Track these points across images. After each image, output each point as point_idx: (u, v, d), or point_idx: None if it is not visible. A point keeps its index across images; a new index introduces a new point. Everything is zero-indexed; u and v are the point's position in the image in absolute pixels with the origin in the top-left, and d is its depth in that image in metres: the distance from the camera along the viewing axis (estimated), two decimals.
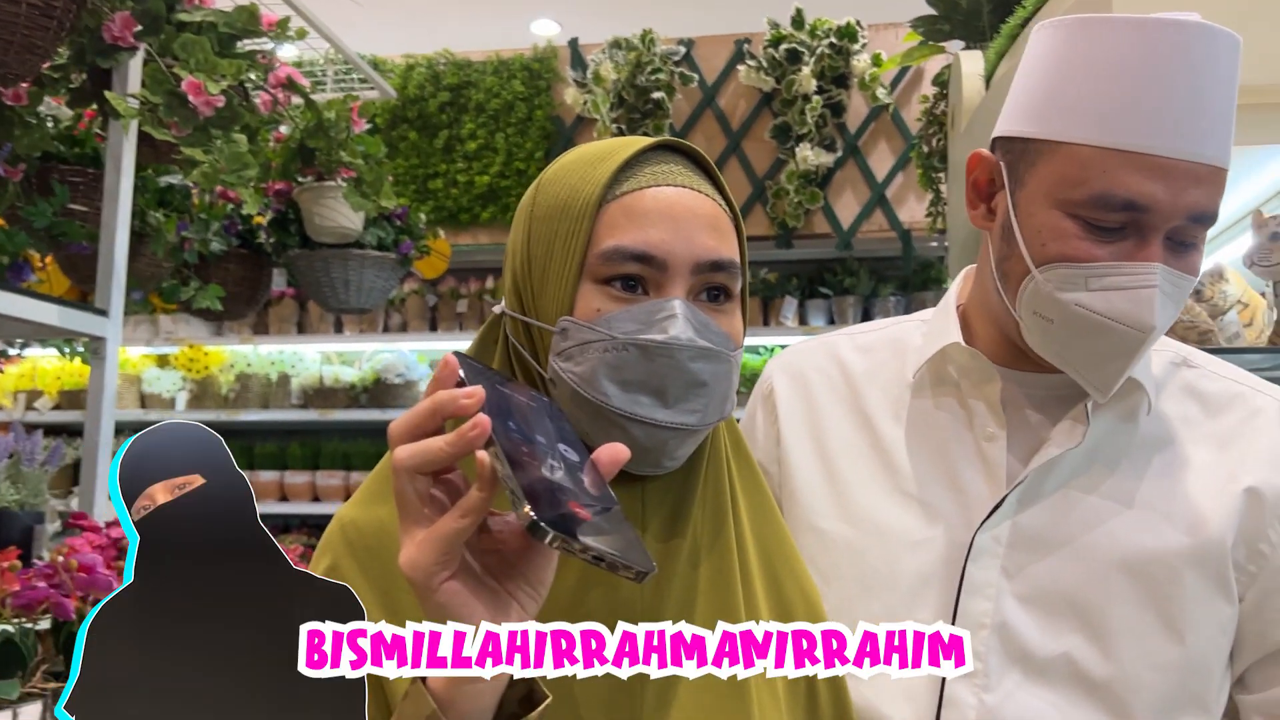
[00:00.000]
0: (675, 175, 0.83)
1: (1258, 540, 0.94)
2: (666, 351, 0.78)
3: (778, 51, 4.15)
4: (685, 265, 0.80)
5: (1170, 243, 0.88)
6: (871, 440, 1.05)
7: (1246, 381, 1.03)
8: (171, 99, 2.10)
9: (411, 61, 4.63)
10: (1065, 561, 0.94)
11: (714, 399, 0.81)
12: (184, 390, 4.69)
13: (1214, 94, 0.87)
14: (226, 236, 3.04)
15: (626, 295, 0.80)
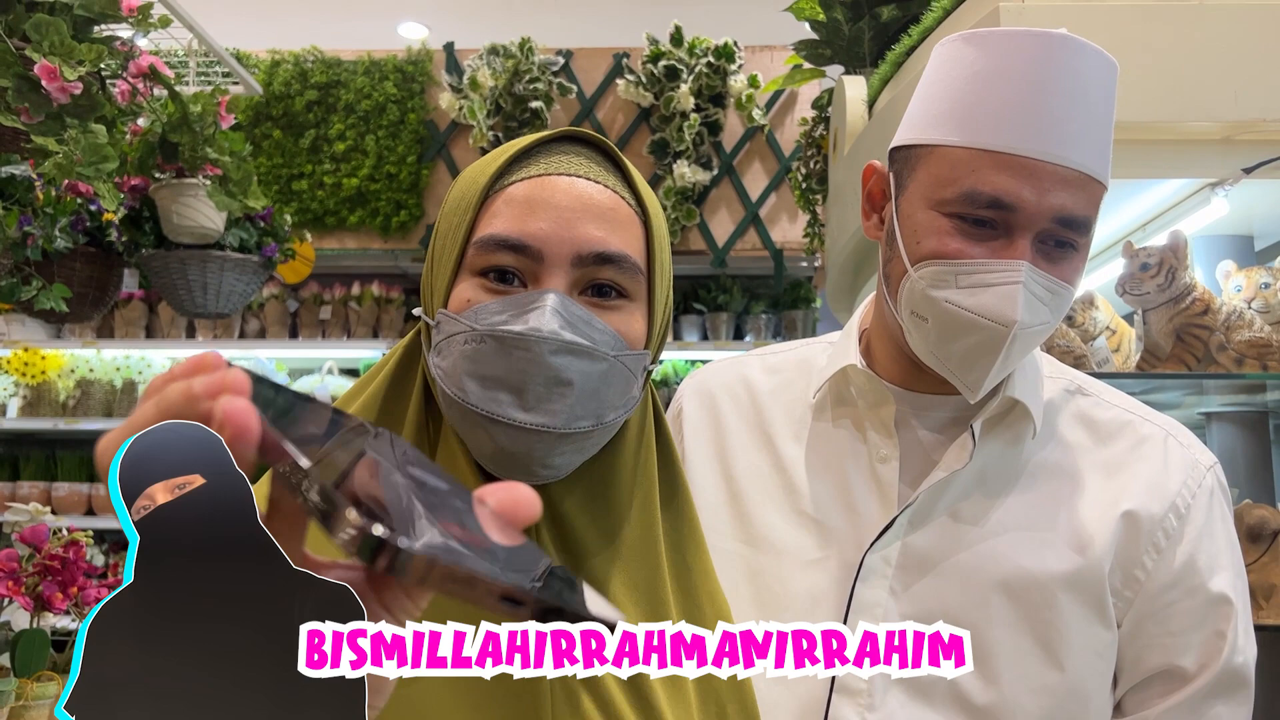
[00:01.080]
0: (570, 165, 0.79)
1: (1133, 566, 0.96)
2: (524, 344, 0.72)
3: (656, 67, 4.17)
4: (564, 256, 0.76)
5: (1044, 247, 0.91)
6: (773, 460, 1.06)
7: (1136, 411, 1.06)
8: (22, 83, 1.94)
9: (277, 57, 4.45)
10: (949, 583, 0.96)
11: (583, 400, 0.74)
12: (16, 396, 4.36)
13: (1082, 104, 0.90)
14: (74, 233, 2.83)
15: (501, 288, 0.76)
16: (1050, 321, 0.92)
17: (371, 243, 4.41)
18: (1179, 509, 0.98)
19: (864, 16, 2.60)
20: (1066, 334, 1.81)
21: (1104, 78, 0.92)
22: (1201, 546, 0.97)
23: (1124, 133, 1.69)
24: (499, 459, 0.75)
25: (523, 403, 0.73)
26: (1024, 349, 0.93)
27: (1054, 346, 1.79)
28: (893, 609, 0.96)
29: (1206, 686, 0.95)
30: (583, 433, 0.75)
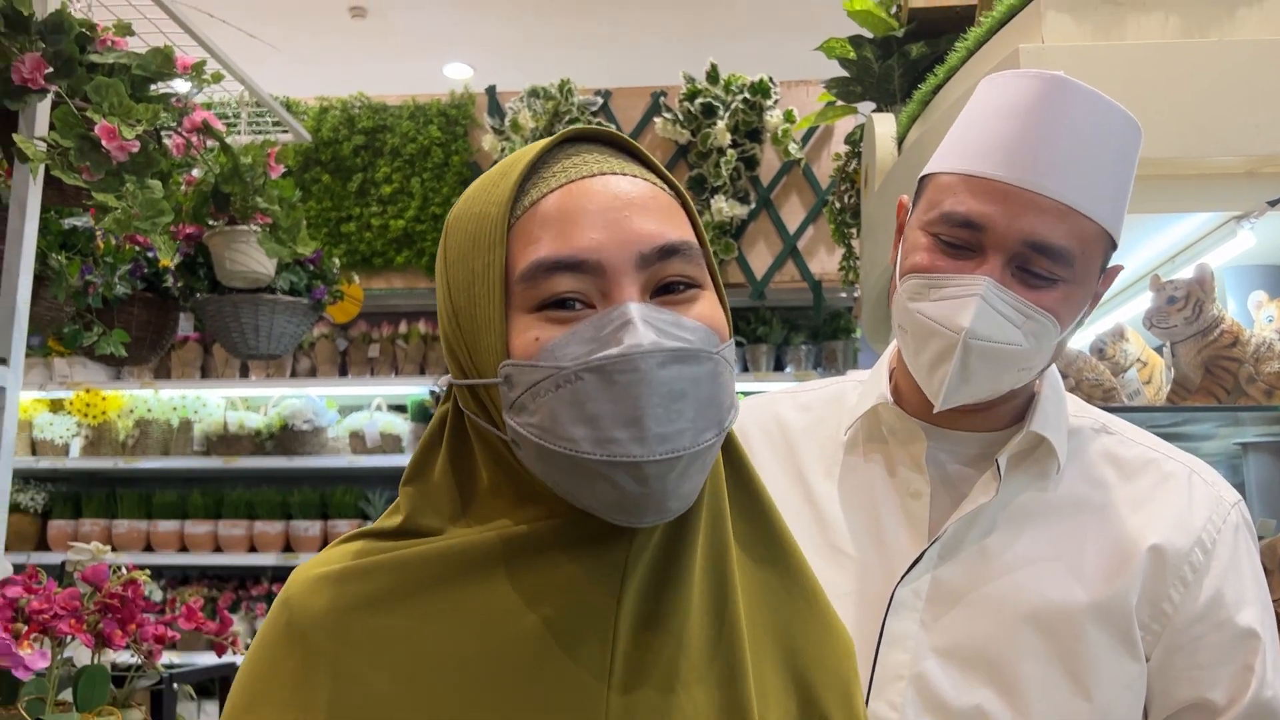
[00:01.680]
0: (591, 164, 0.70)
1: (1160, 600, 0.98)
2: (630, 365, 0.64)
3: (693, 105, 4.23)
4: (628, 261, 0.67)
5: (1022, 273, 0.95)
6: (806, 496, 1.08)
7: (1160, 449, 1.08)
8: (84, 143, 2.04)
9: (325, 104, 4.59)
10: (978, 615, 0.98)
11: (701, 409, 0.66)
12: (79, 436, 4.51)
13: (1067, 140, 0.94)
14: (132, 280, 2.95)
15: (567, 315, 0.67)
16: (1022, 345, 0.95)
17: (418, 282, 4.51)
18: (1204, 544, 0.99)
19: (893, 54, 2.64)
20: (1096, 367, 1.83)
21: (1091, 113, 0.96)
22: (1228, 581, 0.98)
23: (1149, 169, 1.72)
24: (626, 505, 0.66)
25: (643, 434, 0.64)
26: (991, 365, 0.95)
27: (1084, 380, 1.80)
28: (923, 641, 0.98)
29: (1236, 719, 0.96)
30: (709, 447, 0.67)
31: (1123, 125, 0.98)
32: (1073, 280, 0.96)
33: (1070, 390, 1.79)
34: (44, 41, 2.06)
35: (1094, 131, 0.95)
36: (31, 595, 1.89)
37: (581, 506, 0.69)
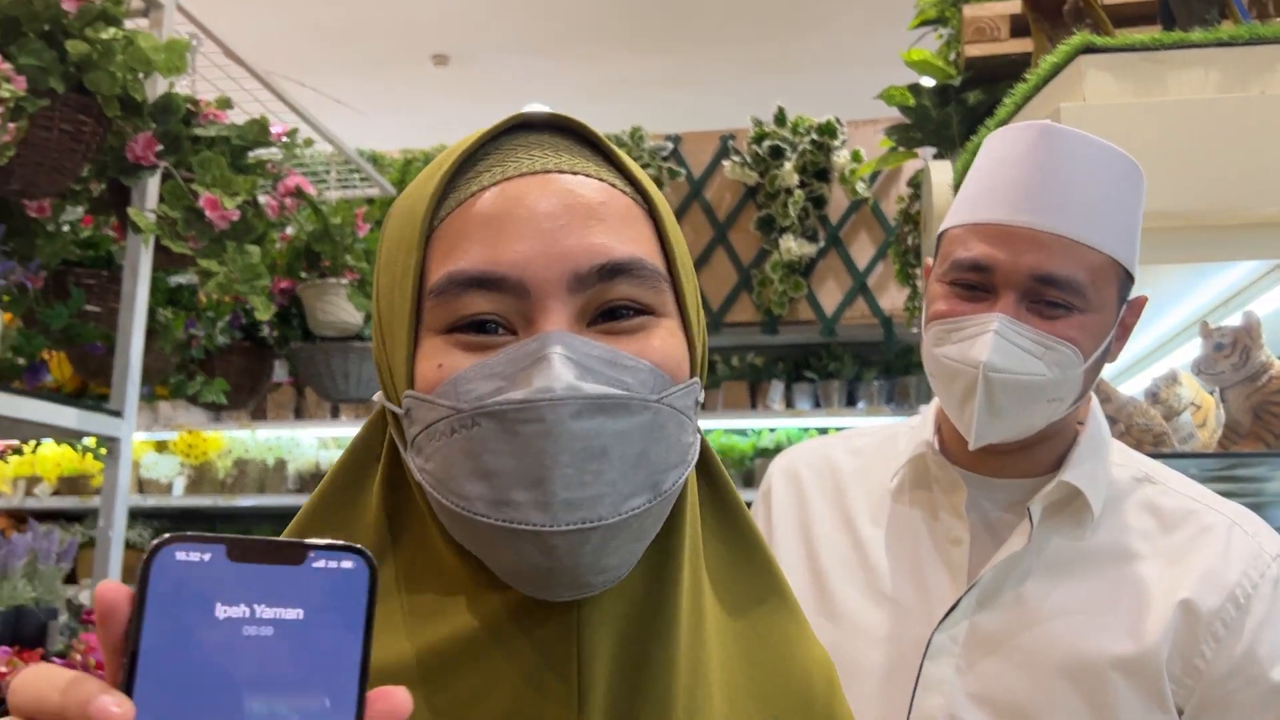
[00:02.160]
0: (535, 159, 0.59)
1: (1193, 655, 0.98)
2: (534, 414, 0.53)
3: (761, 147, 4.33)
4: (558, 279, 0.56)
5: (1036, 306, 0.99)
6: (853, 540, 1.12)
7: (1202, 500, 1.08)
8: (189, 214, 2.23)
9: (409, 156, 4.80)
10: (1012, 663, 1.00)
11: (628, 468, 0.55)
12: (182, 475, 4.76)
13: (1063, 180, 0.99)
14: (231, 330, 3.15)
15: (482, 341, 0.56)
16: (1046, 374, 0.98)
17: None
18: (1238, 599, 0.99)
19: (951, 102, 2.71)
20: (1147, 412, 1.87)
21: (1094, 159, 1.01)
22: (1263, 637, 0.98)
23: (1194, 219, 1.77)
24: (534, 579, 0.55)
25: (548, 498, 0.53)
26: (1017, 397, 0.99)
27: (1134, 425, 1.84)
28: (958, 687, 1.01)
29: None
30: (638, 513, 0.55)
31: (1118, 162, 1.02)
32: (1087, 309, 0.99)
33: (1119, 436, 1.84)
34: (154, 121, 2.25)
35: (1089, 169, 1.00)
36: None
37: (498, 573, 0.57)
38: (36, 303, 2.52)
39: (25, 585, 2.09)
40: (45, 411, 2.12)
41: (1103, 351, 1.03)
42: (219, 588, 0.41)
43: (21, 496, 4.67)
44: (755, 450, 4.42)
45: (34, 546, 2.12)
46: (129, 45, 1.98)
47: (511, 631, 0.58)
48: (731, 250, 4.51)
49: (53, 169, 2.06)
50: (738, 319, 4.50)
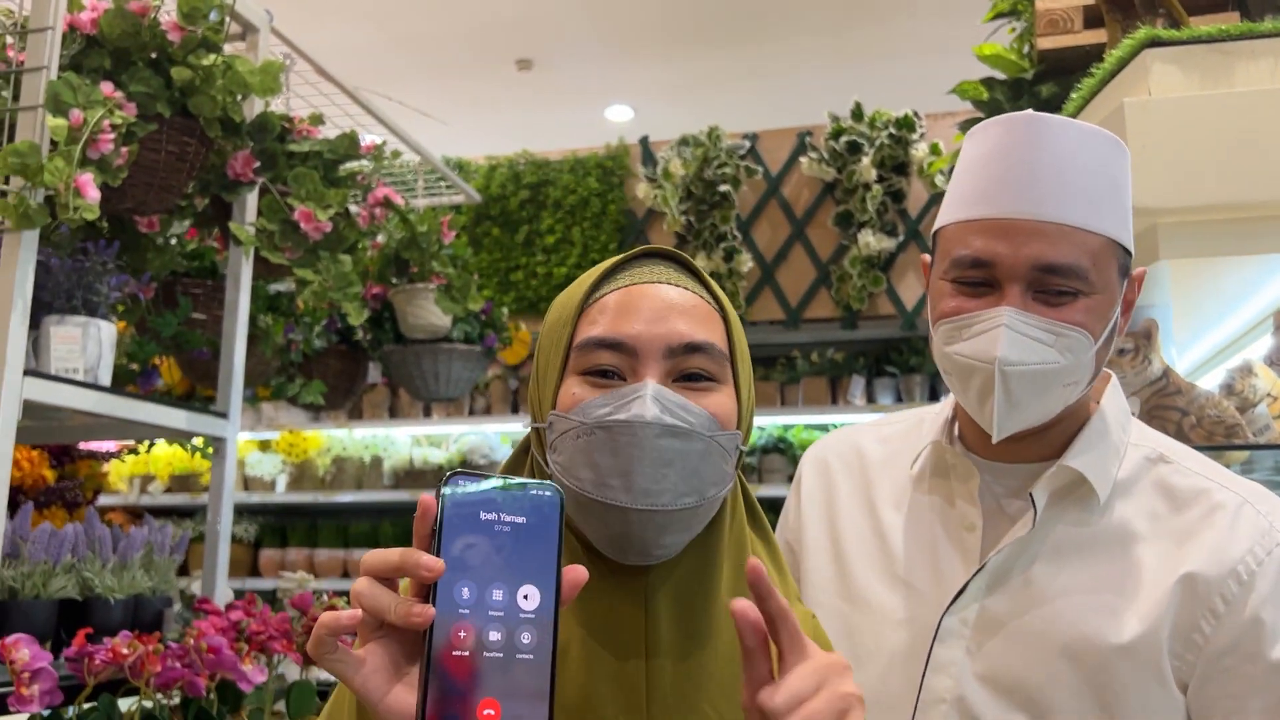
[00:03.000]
0: (651, 274, 0.87)
1: (1191, 631, 0.99)
2: (629, 430, 0.79)
3: (838, 143, 4.35)
4: (657, 349, 0.83)
5: (1042, 295, 1.00)
6: (874, 526, 1.16)
7: (1216, 478, 1.06)
8: (285, 227, 2.37)
9: (494, 163, 4.94)
10: (1017, 646, 1.02)
11: (684, 478, 0.80)
12: (284, 473, 4.98)
13: (1053, 168, 1.00)
14: (327, 334, 3.30)
15: (604, 383, 0.83)
16: (1059, 361, 1.00)
17: None
18: (1240, 575, 0.98)
19: (1024, 95, 2.70)
20: (1220, 404, 1.86)
21: (1080, 142, 1.02)
22: (1265, 614, 0.97)
23: (1264, 210, 1.76)
24: (615, 543, 0.82)
25: (631, 486, 0.79)
26: (1033, 387, 1.00)
27: (1206, 417, 1.84)
28: (967, 668, 1.03)
29: None
30: (688, 509, 0.81)
31: (1103, 143, 1.03)
32: (1092, 292, 1.00)
33: (1191, 429, 1.84)
34: (252, 140, 2.40)
35: (1075, 153, 1.01)
36: (250, 619, 2.20)
37: (588, 537, 0.85)
38: (148, 312, 2.70)
39: (143, 575, 2.25)
40: (158, 414, 2.28)
41: (1110, 330, 1.03)
42: (482, 501, 0.67)
43: (137, 494, 4.95)
44: None
45: (149, 539, 2.28)
46: (228, 70, 2.12)
47: (601, 587, 0.84)
48: (810, 246, 4.54)
49: (161, 188, 2.21)
50: (817, 315, 4.52)
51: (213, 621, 2.15)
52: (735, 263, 4.44)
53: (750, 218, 4.59)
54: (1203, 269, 1.99)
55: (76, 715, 1.82)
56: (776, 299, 4.54)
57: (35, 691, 1.75)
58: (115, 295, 2.19)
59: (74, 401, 2.03)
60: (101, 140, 1.90)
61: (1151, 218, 1.77)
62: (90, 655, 1.81)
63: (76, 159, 1.85)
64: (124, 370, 2.76)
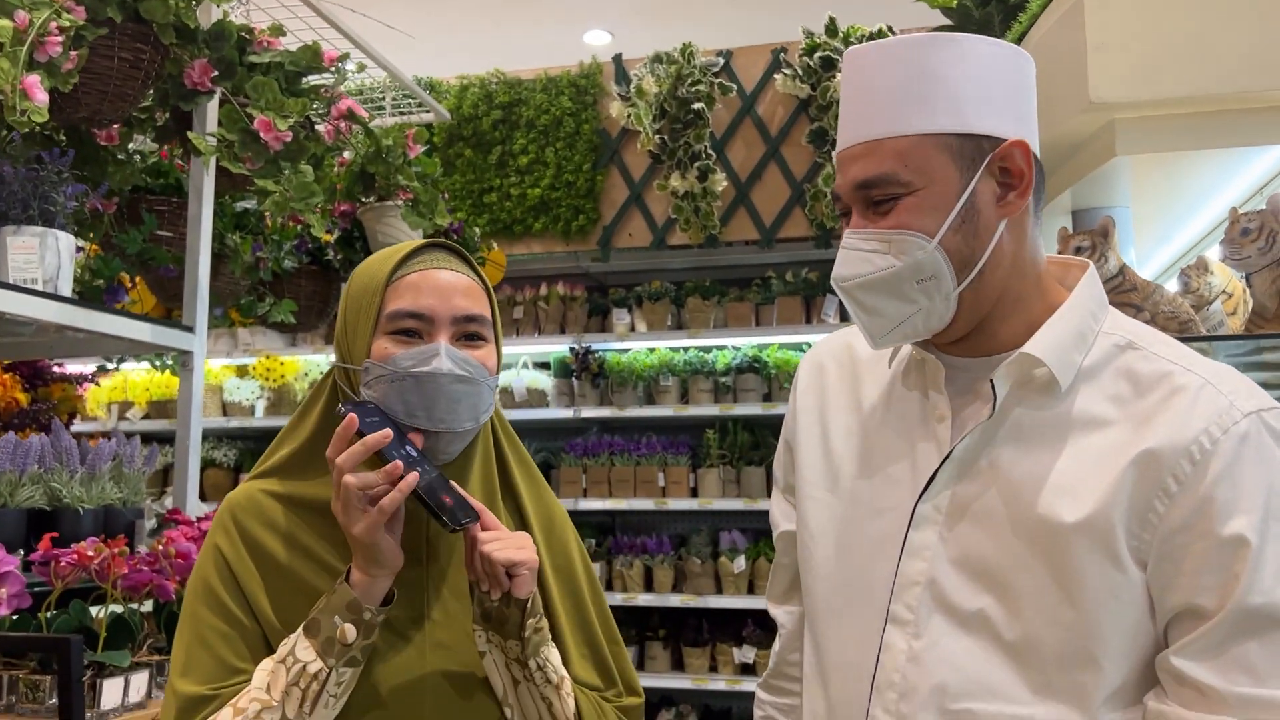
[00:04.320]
0: (438, 263, 1.21)
1: (1146, 510, 1.00)
2: (432, 378, 1.15)
3: (812, 59, 4.30)
4: (447, 318, 1.17)
5: (869, 209, 1.08)
6: (860, 421, 1.20)
7: (1181, 361, 1.06)
8: (245, 136, 2.34)
9: (465, 82, 4.87)
10: (983, 528, 1.06)
11: (467, 410, 1.17)
12: (262, 398, 4.99)
13: (855, 93, 1.09)
14: (298, 255, 3.28)
15: (407, 340, 1.17)
16: (895, 264, 1.06)
17: (554, 246, 4.77)
18: (1193, 455, 0.99)
19: (991, 1, 2.68)
20: (1173, 300, 1.88)
21: (884, 56, 1.07)
22: (1218, 491, 0.98)
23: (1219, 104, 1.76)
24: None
25: (432, 416, 1.16)
26: (880, 293, 1.07)
27: (1160, 313, 1.86)
28: (940, 552, 1.07)
29: (1225, 625, 0.96)
30: (468, 430, 1.19)
31: (908, 48, 1.07)
32: (911, 190, 1.05)
33: (1146, 324, 1.86)
34: (209, 48, 2.36)
35: (876, 72, 1.08)
36: None
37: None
38: (111, 228, 2.68)
39: (112, 487, 2.27)
40: (121, 326, 2.27)
41: (961, 217, 1.05)
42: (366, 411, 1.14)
43: (115, 420, 4.95)
44: None
45: (118, 452, 2.29)
46: None
47: None
48: (784, 165, 4.51)
49: (115, 96, 2.17)
50: (792, 234, 4.51)
51: (183, 531, 2.17)
52: (710, 182, 4.41)
53: (724, 136, 4.55)
54: (1165, 168, 1.99)
55: (48, 619, 1.85)
56: (751, 219, 4.53)
57: (3, 595, 1.78)
58: (72, 205, 2.17)
59: (34, 311, 2.02)
60: (49, 43, 1.86)
61: (1109, 113, 1.77)
62: (56, 559, 1.83)
63: (23, 61, 1.82)
64: (91, 288, 2.75)
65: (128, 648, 1.85)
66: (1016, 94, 1.08)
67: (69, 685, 1.68)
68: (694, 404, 4.55)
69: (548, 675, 1.17)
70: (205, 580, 1.19)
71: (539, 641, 1.17)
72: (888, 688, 1.07)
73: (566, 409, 4.69)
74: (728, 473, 4.47)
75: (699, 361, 4.60)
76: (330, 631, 1.10)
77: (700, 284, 4.66)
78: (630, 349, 4.76)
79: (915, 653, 1.07)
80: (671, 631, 4.58)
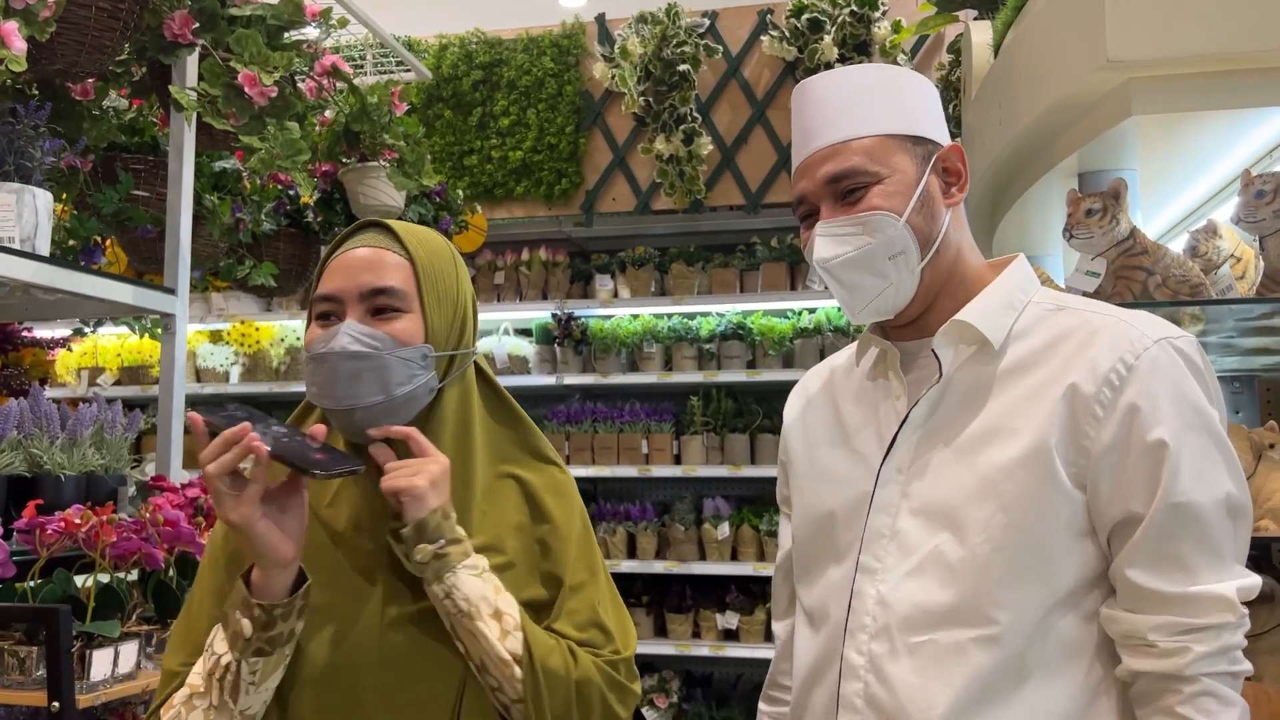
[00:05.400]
0: (356, 243, 1.22)
1: (1080, 437, 1.13)
2: (327, 358, 1.15)
3: (800, 21, 4.24)
4: (354, 295, 1.18)
5: (841, 201, 1.23)
6: (836, 416, 1.36)
7: (1099, 309, 1.21)
8: (229, 91, 2.25)
9: (445, 41, 4.76)
10: (939, 478, 1.19)
11: (370, 384, 1.15)
12: (237, 364, 4.90)
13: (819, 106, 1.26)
14: (276, 217, 3.19)
15: (325, 323, 1.19)
16: (869, 241, 1.20)
17: (536, 210, 4.69)
18: (1113, 381, 1.12)
19: None
20: (1184, 264, 1.86)
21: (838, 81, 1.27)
22: (1139, 409, 1.10)
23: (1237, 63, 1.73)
24: (341, 429, 1.20)
25: (335, 395, 1.15)
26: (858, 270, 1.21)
27: (1170, 277, 1.84)
28: (902, 506, 1.21)
29: (1154, 526, 1.09)
30: (379, 404, 1.16)
31: (859, 72, 1.27)
32: (878, 179, 1.21)
33: (1157, 288, 1.84)
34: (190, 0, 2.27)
35: (833, 87, 1.26)
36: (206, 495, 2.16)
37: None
38: (87, 186, 2.58)
39: (94, 453, 2.20)
40: (102, 287, 2.19)
41: (920, 198, 1.21)
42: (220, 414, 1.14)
43: (85, 386, 4.84)
44: (795, 330, 4.44)
45: (100, 418, 2.22)
46: None
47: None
48: (770, 129, 4.46)
49: (93, 47, 2.08)
50: (776, 199, 4.47)
51: (169, 498, 2.11)
52: (695, 145, 4.35)
53: (710, 99, 4.48)
54: (1168, 129, 1.96)
55: (32, 588, 1.79)
56: (737, 183, 4.48)
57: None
58: (50, 161, 2.08)
59: (11, 271, 1.94)
60: None
61: (1125, 72, 1.74)
62: (42, 526, 1.77)
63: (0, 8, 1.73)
64: (66, 249, 2.66)
65: (116, 618, 1.80)
66: (939, 111, 1.29)
67: (58, 656, 1.63)
68: (678, 371, 4.52)
69: (457, 603, 1.14)
70: (205, 561, 1.28)
71: (439, 568, 1.15)
72: (860, 630, 1.20)
73: (549, 376, 4.64)
74: (711, 440, 4.45)
75: (683, 328, 4.56)
76: (235, 626, 1.12)
77: (684, 250, 4.61)
78: (613, 315, 4.71)
79: (882, 596, 1.19)
80: (655, 598, 4.57)
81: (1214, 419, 1.13)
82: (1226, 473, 1.11)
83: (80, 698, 1.66)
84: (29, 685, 1.68)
